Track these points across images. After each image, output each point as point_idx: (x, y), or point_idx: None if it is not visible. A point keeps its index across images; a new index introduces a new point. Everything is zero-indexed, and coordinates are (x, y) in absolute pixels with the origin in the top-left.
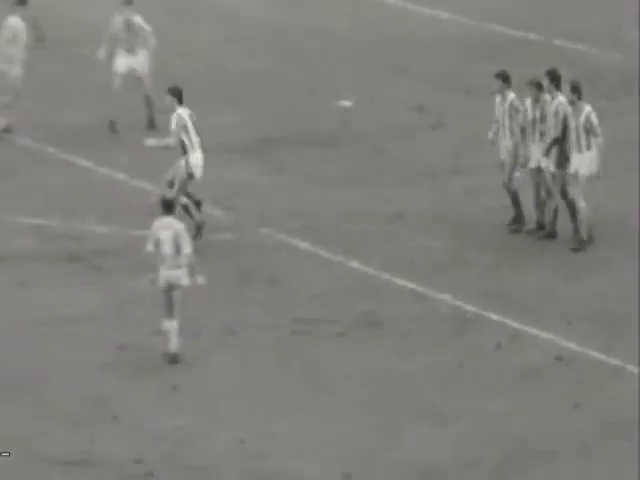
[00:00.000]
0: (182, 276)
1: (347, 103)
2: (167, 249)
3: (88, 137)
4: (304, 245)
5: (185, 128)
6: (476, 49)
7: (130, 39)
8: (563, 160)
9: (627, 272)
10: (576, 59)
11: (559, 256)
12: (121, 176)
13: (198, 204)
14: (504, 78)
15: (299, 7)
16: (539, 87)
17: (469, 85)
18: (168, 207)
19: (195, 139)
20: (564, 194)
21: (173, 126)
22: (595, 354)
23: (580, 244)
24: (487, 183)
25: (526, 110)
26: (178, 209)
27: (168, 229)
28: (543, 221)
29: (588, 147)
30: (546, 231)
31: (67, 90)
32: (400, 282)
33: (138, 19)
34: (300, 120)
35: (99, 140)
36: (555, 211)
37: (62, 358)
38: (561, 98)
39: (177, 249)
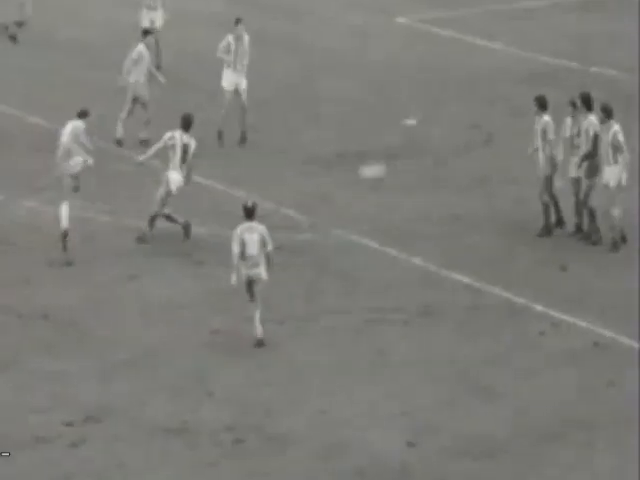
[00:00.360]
0: (262, 272)
1: (412, 121)
2: (251, 250)
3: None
4: (373, 244)
5: (173, 148)
6: (524, 76)
7: (235, 57)
8: (593, 171)
9: None
10: (610, 84)
11: (595, 255)
12: (219, 186)
13: (168, 218)
14: (539, 103)
15: (374, 40)
16: (574, 107)
17: (517, 107)
18: (249, 213)
19: (177, 161)
20: (586, 201)
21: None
22: (627, 340)
23: (614, 245)
24: (532, 191)
25: (566, 127)
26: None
27: (253, 232)
28: (581, 225)
29: (616, 161)
30: (583, 233)
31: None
32: (456, 276)
33: (247, 38)
34: (372, 137)
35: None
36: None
37: (168, 339)
38: (592, 118)
39: (259, 249)
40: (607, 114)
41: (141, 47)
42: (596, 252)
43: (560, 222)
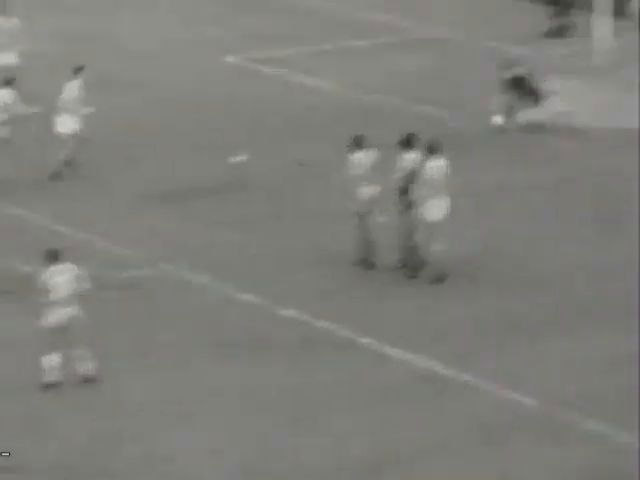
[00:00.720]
0: (76, 312)
1: (242, 158)
2: (61, 292)
3: None
4: (204, 279)
5: None
6: (350, 113)
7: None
8: (409, 207)
9: (478, 303)
10: (434, 121)
11: (420, 289)
12: (44, 222)
13: None
14: (355, 141)
15: (205, 78)
16: (401, 144)
17: (343, 143)
18: (54, 256)
19: None
20: (407, 237)
21: None
22: (449, 371)
23: (437, 278)
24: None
25: (395, 163)
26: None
27: (63, 274)
28: (405, 259)
29: (438, 196)
30: (406, 267)
31: None
32: (286, 310)
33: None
34: (203, 173)
35: None
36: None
37: None
38: (410, 155)
39: (70, 290)
40: (431, 150)
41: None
42: (418, 285)
43: (369, 260)
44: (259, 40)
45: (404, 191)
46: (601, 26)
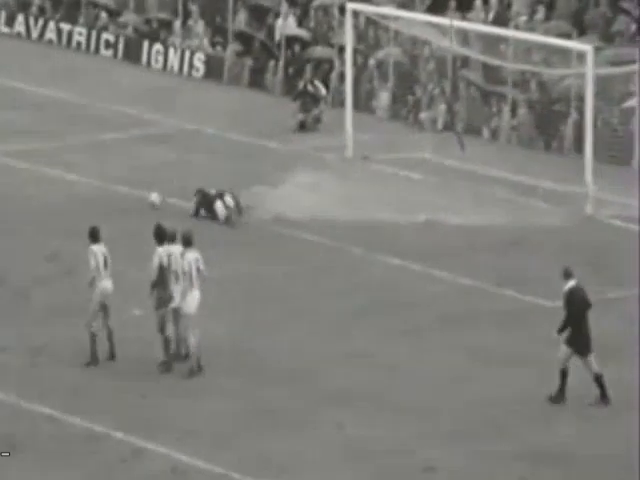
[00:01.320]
0: None
1: None
2: None
3: None
4: None
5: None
6: (102, 206)
7: None
8: (161, 302)
9: (238, 396)
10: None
11: (172, 382)
12: None
13: None
14: (91, 234)
15: None
16: (155, 237)
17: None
18: None
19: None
20: (162, 330)
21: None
22: (203, 464)
23: (190, 372)
24: (114, 319)
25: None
26: None
27: None
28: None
29: (194, 287)
30: (162, 361)
31: None
32: (37, 407)
33: None
34: None
35: None
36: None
37: None
38: (160, 250)
39: None
40: (186, 242)
41: None
42: (172, 379)
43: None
44: (6, 134)
45: (157, 284)
46: (349, 120)
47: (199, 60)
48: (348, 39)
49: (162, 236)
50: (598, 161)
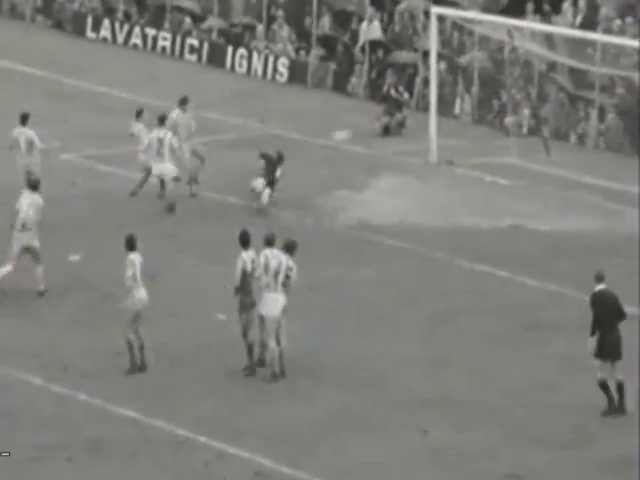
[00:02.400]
0: None
1: (76, 257)
2: None
3: None
4: (36, 380)
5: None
6: (194, 210)
7: None
8: (244, 307)
9: (321, 401)
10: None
11: (259, 385)
12: None
13: None
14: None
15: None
16: (241, 242)
17: (184, 241)
18: None
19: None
20: (245, 335)
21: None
22: (286, 469)
23: (273, 377)
24: (193, 325)
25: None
26: None
27: None
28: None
29: (277, 290)
30: (245, 365)
31: None
32: (121, 410)
33: None
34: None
35: None
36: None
37: None
38: (244, 255)
39: None
40: (270, 244)
41: None
42: (256, 384)
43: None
44: (93, 138)
45: (240, 289)
46: (434, 125)
47: (283, 65)
48: (432, 43)
49: (246, 241)
50: None
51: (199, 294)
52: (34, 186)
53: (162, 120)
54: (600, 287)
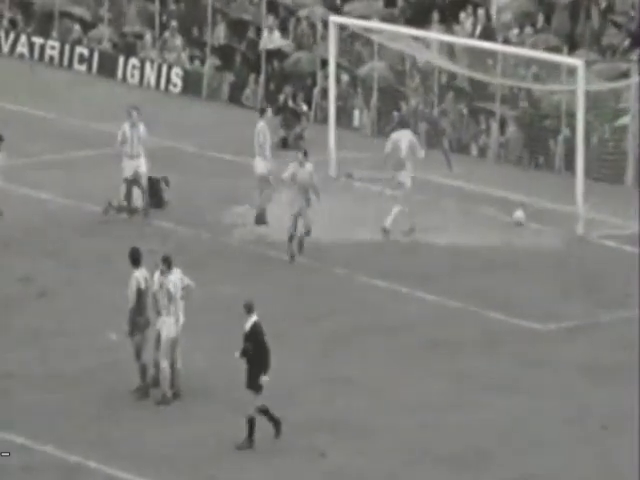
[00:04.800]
0: None
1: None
2: None
3: None
4: None
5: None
6: (78, 226)
7: None
8: (137, 328)
9: (215, 423)
10: (168, 235)
11: (152, 408)
12: None
13: None
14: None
15: None
16: (132, 261)
17: (73, 259)
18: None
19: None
20: (138, 356)
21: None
22: None
23: (163, 399)
24: (86, 343)
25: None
26: None
27: None
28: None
29: (169, 312)
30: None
31: None
32: (8, 436)
33: None
34: None
35: None
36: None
37: None
38: (137, 273)
39: None
40: (167, 265)
41: None
42: (148, 406)
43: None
44: None
45: (135, 310)
46: (332, 137)
47: (177, 75)
48: (331, 53)
49: (138, 259)
50: (590, 179)
51: (90, 312)
52: None
53: None
54: (254, 318)
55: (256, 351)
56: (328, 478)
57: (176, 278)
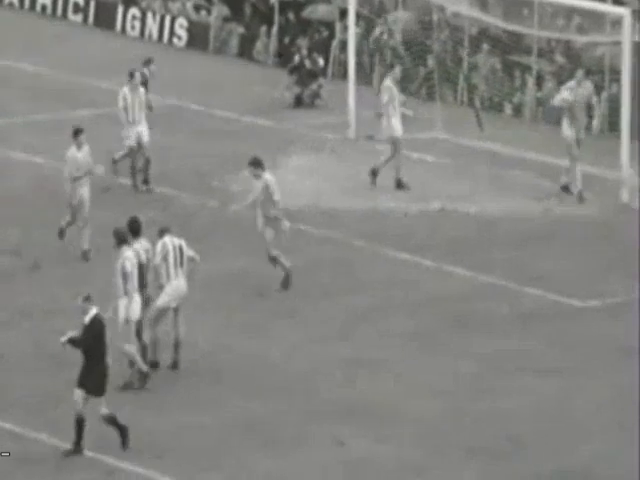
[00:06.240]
0: None
1: None
2: None
3: None
4: None
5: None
6: None
7: None
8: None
9: (222, 409)
10: (166, 201)
11: (153, 391)
12: None
13: None
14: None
15: None
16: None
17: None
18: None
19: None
20: (139, 336)
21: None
22: None
23: (127, 384)
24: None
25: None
26: None
27: None
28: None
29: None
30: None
31: None
32: None
33: None
34: None
35: None
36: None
37: None
38: (137, 245)
39: None
40: (160, 233)
41: None
42: (151, 390)
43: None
44: None
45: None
46: (352, 95)
47: (181, 26)
48: (351, 1)
49: (137, 229)
50: (636, 141)
51: (87, 287)
52: None
53: None
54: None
55: (93, 349)
56: (348, 469)
57: (182, 245)
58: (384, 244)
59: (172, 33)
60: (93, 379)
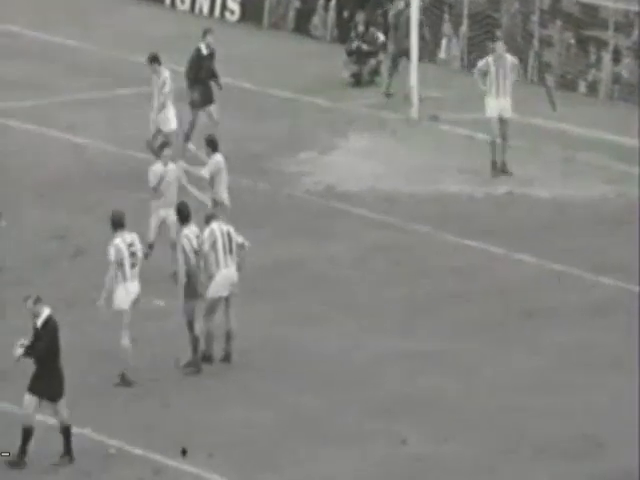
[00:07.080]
0: None
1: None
2: None
3: None
4: None
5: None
6: (121, 177)
7: None
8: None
9: (276, 403)
10: None
11: (204, 386)
12: None
13: None
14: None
15: None
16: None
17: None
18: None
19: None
20: (191, 327)
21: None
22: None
23: (123, 380)
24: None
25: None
26: None
27: None
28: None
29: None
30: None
31: None
32: (40, 417)
33: None
34: None
35: None
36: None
37: None
38: (187, 231)
39: None
40: (207, 219)
41: None
42: (201, 384)
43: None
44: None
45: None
46: (415, 73)
47: (234, 0)
48: None
49: (187, 215)
50: None
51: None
52: None
53: None
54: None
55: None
56: (410, 467)
57: (230, 232)
58: (447, 229)
59: (224, 7)
60: (48, 383)
